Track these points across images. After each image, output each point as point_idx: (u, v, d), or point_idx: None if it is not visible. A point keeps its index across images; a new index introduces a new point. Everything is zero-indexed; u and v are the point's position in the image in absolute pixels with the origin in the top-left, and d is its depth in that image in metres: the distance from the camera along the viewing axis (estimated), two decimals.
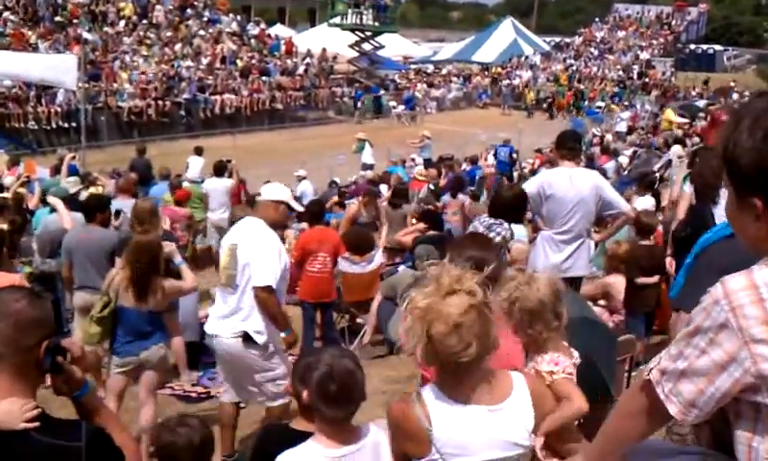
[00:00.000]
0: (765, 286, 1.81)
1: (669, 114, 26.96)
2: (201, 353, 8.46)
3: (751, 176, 1.85)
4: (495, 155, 23.78)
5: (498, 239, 3.96)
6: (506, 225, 4.17)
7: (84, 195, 10.43)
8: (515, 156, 22.96)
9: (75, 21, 31.22)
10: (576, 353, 2.91)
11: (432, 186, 14.79)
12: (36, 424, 2.19)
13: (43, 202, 9.24)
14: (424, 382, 2.58)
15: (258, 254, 5.45)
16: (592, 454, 2.30)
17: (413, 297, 2.43)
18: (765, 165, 1.82)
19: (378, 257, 9.44)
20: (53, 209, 8.49)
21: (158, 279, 5.92)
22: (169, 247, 6.26)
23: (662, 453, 2.19)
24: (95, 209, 7.50)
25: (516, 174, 20.57)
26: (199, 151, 18.11)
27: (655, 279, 7.02)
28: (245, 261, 5.47)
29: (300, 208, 7.29)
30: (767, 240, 1.88)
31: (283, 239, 8.11)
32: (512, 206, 5.64)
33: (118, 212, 8.72)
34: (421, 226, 9.35)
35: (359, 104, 35.55)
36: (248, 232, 5.61)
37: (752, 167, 1.83)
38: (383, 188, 16.91)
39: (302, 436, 3.05)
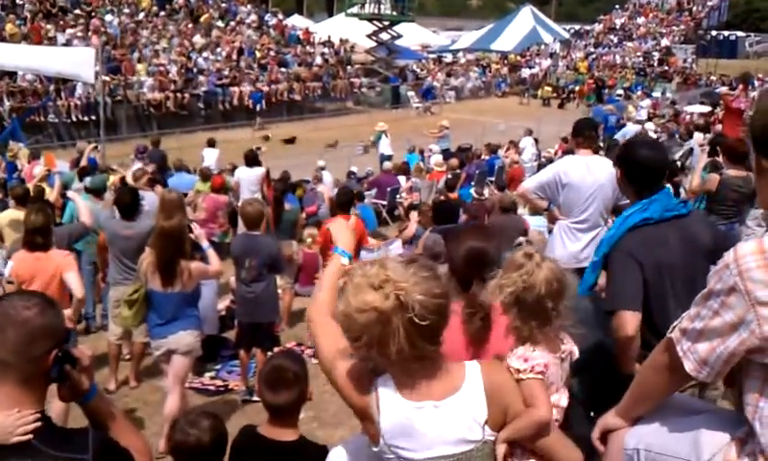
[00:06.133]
0: None
1: None
2: (219, 347, 8.49)
3: (761, 138, 2.04)
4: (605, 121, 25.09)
5: None
6: None
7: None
8: (622, 121, 23.80)
9: (94, 13, 31.34)
10: (568, 346, 2.73)
11: (450, 176, 14.66)
12: (30, 436, 2.13)
13: (63, 196, 9.26)
14: None
15: None
16: (624, 408, 2.42)
17: (362, 267, 2.35)
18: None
19: (398, 246, 9.43)
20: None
21: (184, 262, 6.01)
22: (197, 231, 6.32)
23: (689, 411, 2.29)
24: (136, 205, 7.58)
25: (536, 164, 20.41)
26: (212, 143, 18.24)
27: None
28: None
29: None
30: None
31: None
32: None
33: None
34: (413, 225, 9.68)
35: (258, 107, 31.43)
36: None
37: (761, 130, 2.04)
38: (401, 179, 16.86)
39: (271, 442, 3.38)
